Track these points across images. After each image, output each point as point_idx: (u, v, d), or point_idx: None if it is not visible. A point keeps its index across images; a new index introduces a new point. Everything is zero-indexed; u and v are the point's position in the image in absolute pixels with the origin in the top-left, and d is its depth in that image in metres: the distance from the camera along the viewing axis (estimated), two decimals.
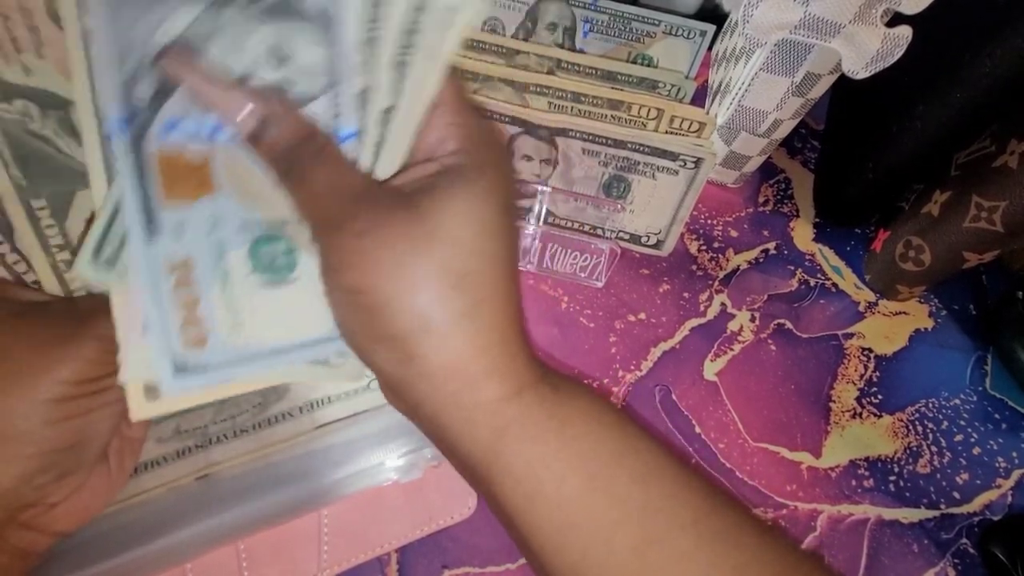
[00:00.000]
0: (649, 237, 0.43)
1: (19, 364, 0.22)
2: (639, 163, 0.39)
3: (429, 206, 0.19)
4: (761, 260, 0.45)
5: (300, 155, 0.19)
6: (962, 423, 0.41)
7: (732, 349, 0.42)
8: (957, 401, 0.42)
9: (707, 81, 0.51)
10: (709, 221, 0.46)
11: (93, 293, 0.25)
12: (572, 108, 0.39)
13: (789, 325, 0.43)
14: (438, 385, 0.20)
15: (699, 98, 0.48)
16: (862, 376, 0.42)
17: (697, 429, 0.39)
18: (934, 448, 0.40)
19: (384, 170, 0.21)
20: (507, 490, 0.20)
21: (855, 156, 0.45)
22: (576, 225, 0.42)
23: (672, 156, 0.38)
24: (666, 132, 0.39)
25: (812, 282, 0.45)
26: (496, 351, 0.20)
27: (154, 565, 0.29)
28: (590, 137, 0.38)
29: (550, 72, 0.41)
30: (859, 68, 0.34)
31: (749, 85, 0.40)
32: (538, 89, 0.38)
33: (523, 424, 0.20)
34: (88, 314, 0.23)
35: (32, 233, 0.24)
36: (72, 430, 0.23)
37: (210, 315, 0.21)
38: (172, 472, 0.30)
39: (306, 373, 0.24)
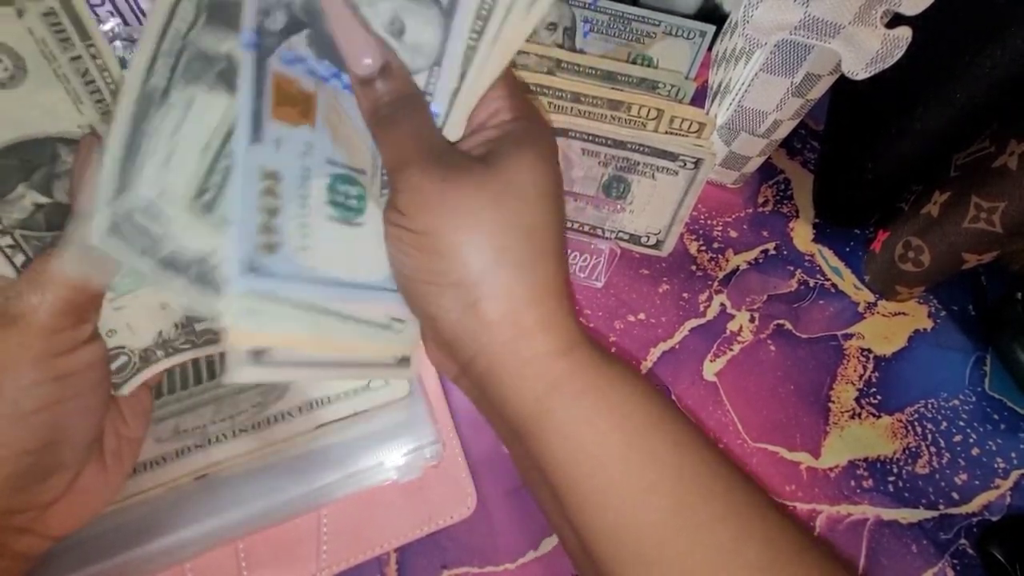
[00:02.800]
0: (649, 237, 0.43)
1: None
2: (639, 163, 0.39)
3: (502, 164, 0.21)
4: (760, 260, 0.45)
5: (397, 110, 0.21)
6: (961, 424, 0.41)
7: (731, 349, 0.42)
8: (956, 402, 0.42)
9: (707, 81, 0.51)
10: (709, 221, 0.47)
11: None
12: (572, 108, 0.39)
13: (788, 325, 0.43)
14: (496, 335, 0.21)
15: (699, 98, 0.48)
16: (861, 376, 0.42)
17: None
18: (933, 449, 0.40)
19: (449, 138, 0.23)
20: (552, 447, 0.21)
21: (855, 157, 0.45)
22: (576, 225, 0.42)
23: (672, 156, 0.38)
24: (666, 132, 0.39)
25: (811, 282, 0.45)
26: (551, 304, 0.21)
27: (153, 565, 0.29)
28: (590, 137, 0.38)
29: (550, 72, 0.41)
30: (859, 69, 0.34)
31: (749, 86, 0.40)
32: (538, 89, 0.38)
33: (572, 380, 0.21)
34: (28, 290, 0.22)
35: None
36: (43, 426, 0.22)
37: (284, 227, 0.22)
38: (171, 472, 0.30)
39: (369, 335, 0.24)
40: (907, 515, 0.38)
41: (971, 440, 0.41)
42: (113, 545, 0.29)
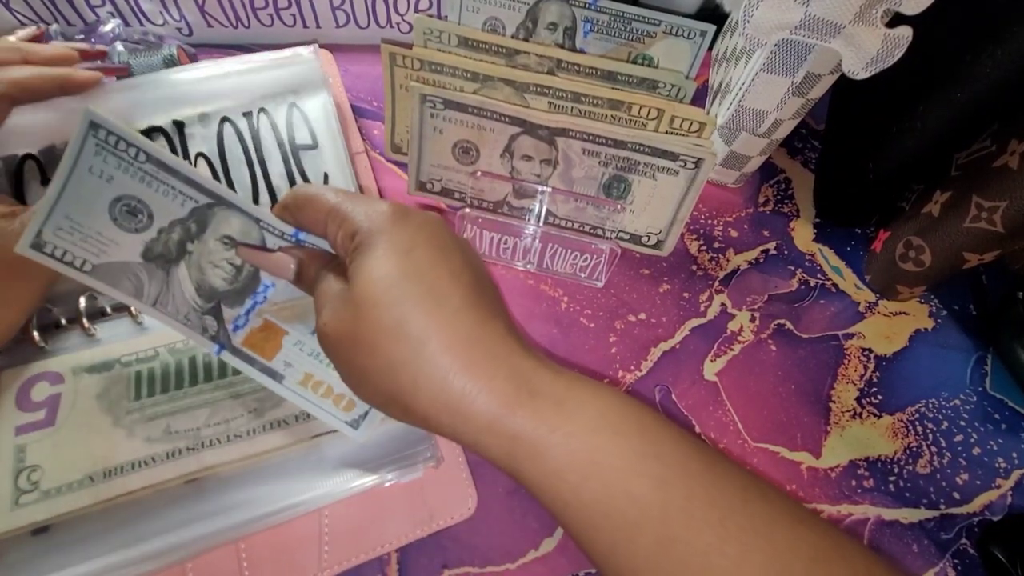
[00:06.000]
0: (649, 237, 0.43)
1: None
2: (639, 163, 0.39)
3: (353, 282, 0.24)
4: (761, 260, 0.45)
5: (319, 275, 0.26)
6: (962, 423, 0.41)
7: (732, 349, 0.42)
8: (957, 401, 0.42)
9: (707, 81, 0.51)
10: (709, 221, 0.47)
11: None
12: (572, 108, 0.39)
13: (789, 325, 0.43)
14: (439, 426, 0.23)
15: (699, 98, 0.48)
16: (862, 376, 0.42)
17: (697, 429, 0.39)
18: (934, 448, 0.40)
19: None
20: (533, 494, 0.22)
21: (855, 156, 0.45)
22: (576, 225, 0.42)
23: (672, 156, 0.38)
24: (666, 132, 0.39)
25: (812, 282, 0.45)
26: (463, 382, 0.22)
27: (147, 566, 0.29)
28: (590, 137, 0.38)
29: (550, 72, 0.41)
30: (859, 69, 0.34)
31: (749, 85, 0.40)
32: (538, 89, 0.38)
33: (526, 443, 0.22)
34: None
35: None
36: None
37: (326, 379, 0.30)
38: (160, 474, 0.30)
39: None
40: (908, 515, 0.38)
41: (972, 440, 0.41)
42: (98, 546, 0.28)
